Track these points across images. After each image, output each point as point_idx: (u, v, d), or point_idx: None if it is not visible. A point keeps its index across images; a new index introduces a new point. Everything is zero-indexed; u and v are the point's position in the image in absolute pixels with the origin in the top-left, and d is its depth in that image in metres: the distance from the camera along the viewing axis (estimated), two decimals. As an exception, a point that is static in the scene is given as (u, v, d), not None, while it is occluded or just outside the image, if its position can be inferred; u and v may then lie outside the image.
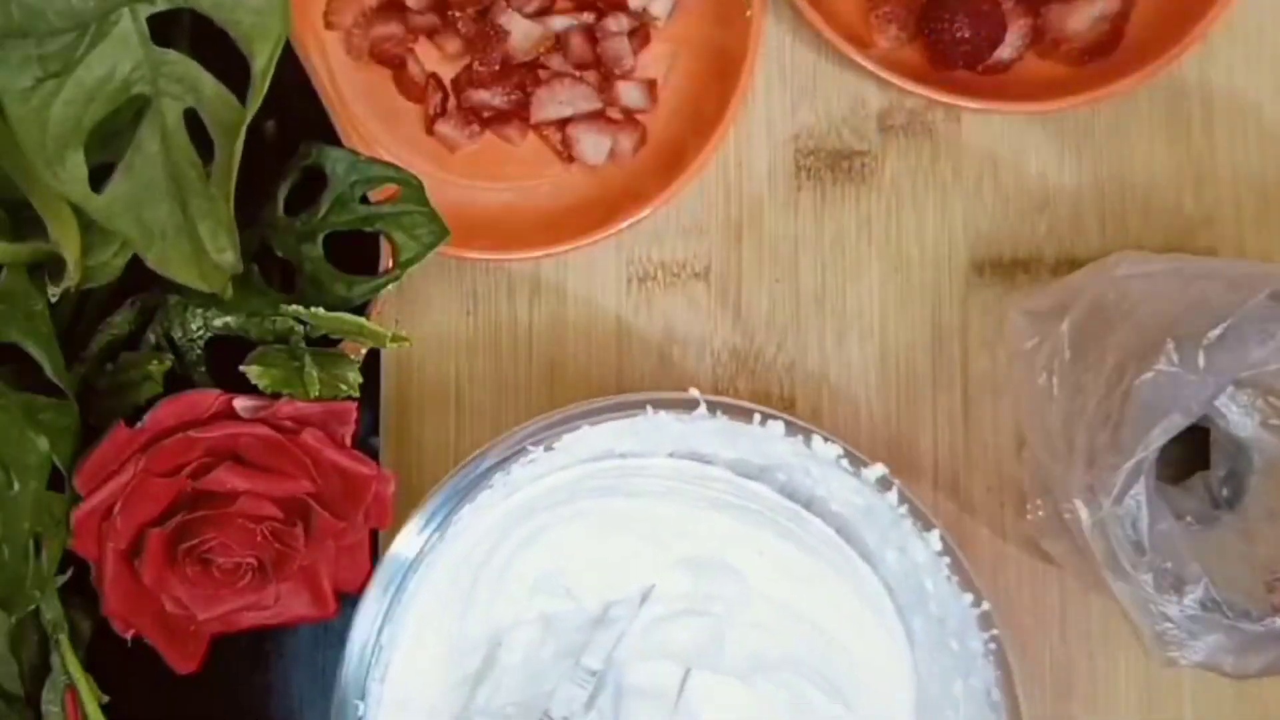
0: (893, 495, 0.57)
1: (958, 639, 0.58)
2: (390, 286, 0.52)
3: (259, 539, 0.49)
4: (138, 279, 0.49)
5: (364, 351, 0.52)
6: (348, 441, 0.50)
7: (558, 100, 0.66)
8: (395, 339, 0.50)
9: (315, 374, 0.49)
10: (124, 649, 0.49)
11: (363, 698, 0.54)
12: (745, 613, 0.59)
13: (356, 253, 0.53)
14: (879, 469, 0.57)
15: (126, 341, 0.51)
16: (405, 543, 0.55)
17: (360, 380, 0.51)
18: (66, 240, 0.46)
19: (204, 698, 0.53)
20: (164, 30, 0.45)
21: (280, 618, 0.51)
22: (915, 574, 0.58)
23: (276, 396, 0.49)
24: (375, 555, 0.54)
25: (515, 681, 0.58)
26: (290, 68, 0.51)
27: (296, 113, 0.53)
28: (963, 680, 0.58)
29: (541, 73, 0.66)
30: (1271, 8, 0.67)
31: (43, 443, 0.46)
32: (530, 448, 0.56)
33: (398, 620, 0.55)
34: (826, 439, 0.57)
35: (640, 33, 0.66)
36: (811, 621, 0.59)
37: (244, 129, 0.46)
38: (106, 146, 0.45)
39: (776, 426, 0.57)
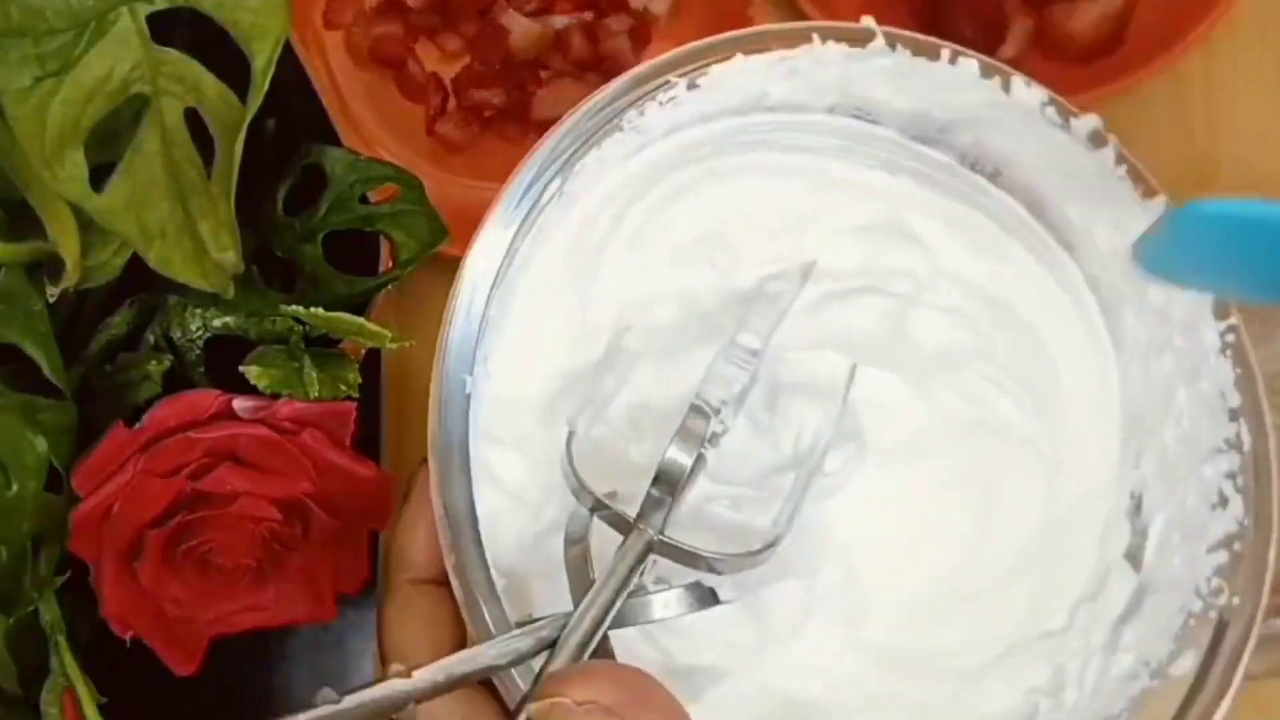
0: (1108, 153, 0.47)
1: (1184, 333, 0.46)
2: (390, 286, 0.52)
3: (258, 540, 0.49)
4: (137, 279, 0.49)
5: (364, 351, 0.52)
6: (348, 442, 0.50)
7: (558, 100, 0.65)
8: (395, 339, 0.50)
9: (315, 374, 0.49)
10: (123, 650, 0.49)
11: (470, 373, 0.44)
12: (931, 293, 0.49)
13: (356, 253, 0.53)
14: (1092, 119, 0.47)
15: (125, 342, 0.51)
16: (514, 195, 0.45)
17: (360, 380, 0.51)
18: (65, 240, 0.46)
19: (203, 699, 0.53)
20: (164, 29, 0.45)
21: (280, 618, 0.51)
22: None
23: (276, 397, 0.49)
24: (375, 556, 0.53)
25: (647, 373, 0.47)
26: (290, 68, 0.51)
27: (296, 113, 0.53)
28: (1187, 386, 0.47)
29: (542, 72, 0.66)
30: (1274, 6, 0.67)
31: (41, 443, 0.46)
32: (673, 79, 0.46)
33: (508, 286, 0.45)
34: (1029, 83, 0.48)
35: (641, 32, 0.66)
36: (1008, 307, 0.49)
37: (244, 128, 0.46)
38: (106, 146, 0.45)
39: (969, 65, 0.47)
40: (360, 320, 0.50)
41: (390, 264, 0.53)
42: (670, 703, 0.36)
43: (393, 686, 0.36)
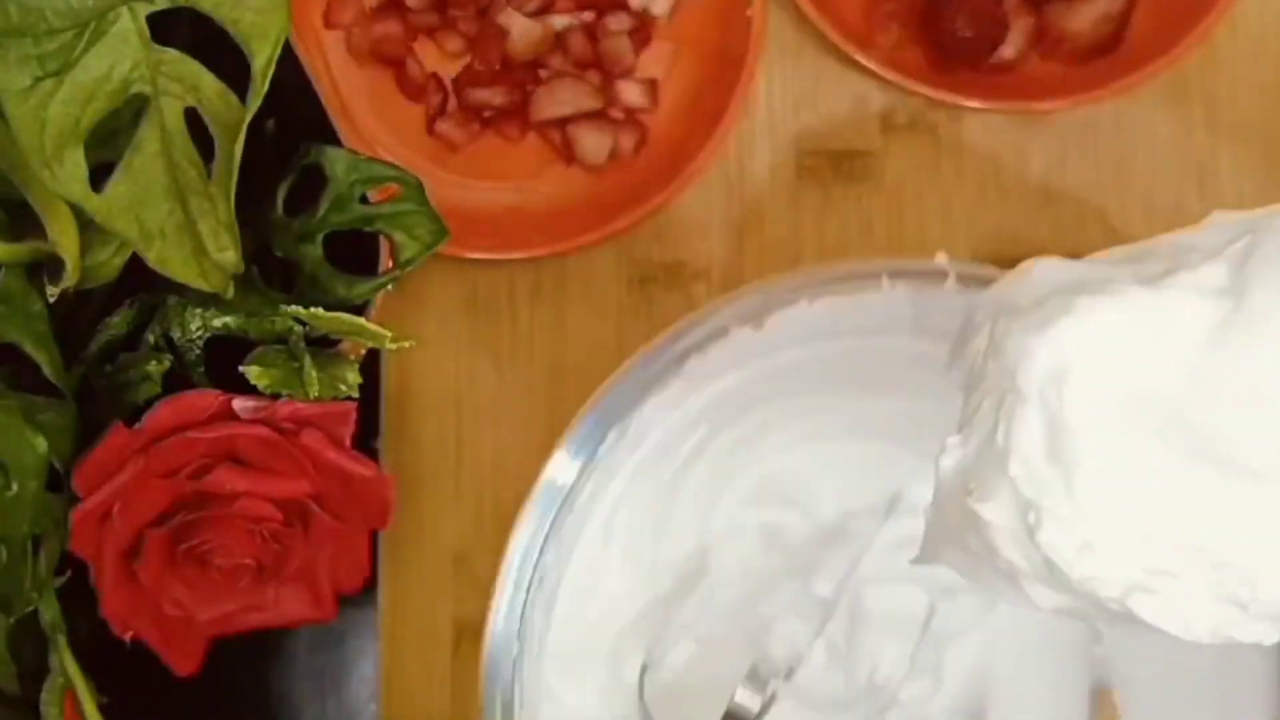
0: None
1: None
2: (390, 286, 0.52)
3: (258, 540, 0.49)
4: (137, 279, 0.49)
5: (364, 351, 0.52)
6: (347, 442, 0.50)
7: (558, 100, 0.65)
8: (395, 339, 0.50)
9: (314, 374, 0.49)
10: (123, 650, 0.49)
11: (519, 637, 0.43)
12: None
13: (356, 253, 0.53)
14: None
15: (125, 342, 0.51)
16: (571, 449, 0.45)
17: (360, 380, 0.50)
18: (65, 240, 0.46)
19: (203, 698, 0.53)
20: (164, 29, 0.45)
21: (279, 619, 0.51)
22: None
23: (276, 397, 0.49)
24: (374, 557, 0.53)
25: (730, 596, 0.45)
26: (290, 67, 0.51)
27: (296, 113, 0.53)
28: None
29: (542, 72, 0.66)
30: (1274, 6, 0.67)
31: (41, 443, 0.46)
32: (734, 328, 0.45)
33: (564, 540, 0.45)
34: None
35: (641, 32, 0.66)
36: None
37: (244, 128, 0.46)
38: (106, 146, 0.45)
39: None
40: (360, 320, 0.50)
41: (390, 264, 0.53)
42: None
43: None
